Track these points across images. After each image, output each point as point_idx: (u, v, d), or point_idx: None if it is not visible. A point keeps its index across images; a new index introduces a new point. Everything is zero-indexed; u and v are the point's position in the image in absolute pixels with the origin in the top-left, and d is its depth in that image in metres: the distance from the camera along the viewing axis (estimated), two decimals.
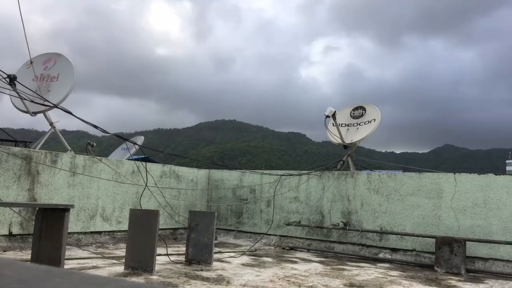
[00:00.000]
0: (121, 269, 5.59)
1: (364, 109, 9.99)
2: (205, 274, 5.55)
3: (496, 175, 7.21)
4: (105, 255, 6.61)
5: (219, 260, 6.74)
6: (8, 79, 7.41)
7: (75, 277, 0.69)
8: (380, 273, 6.38)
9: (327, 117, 9.38)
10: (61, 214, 4.55)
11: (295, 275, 5.84)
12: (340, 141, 9.54)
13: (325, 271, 6.28)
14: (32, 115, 8.22)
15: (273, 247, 8.75)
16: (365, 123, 9.67)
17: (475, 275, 6.58)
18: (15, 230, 6.87)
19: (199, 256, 6.32)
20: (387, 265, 7.19)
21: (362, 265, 7.09)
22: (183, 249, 7.08)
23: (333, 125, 9.61)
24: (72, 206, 4.78)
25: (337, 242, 8.45)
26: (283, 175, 9.38)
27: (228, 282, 5.17)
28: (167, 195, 9.24)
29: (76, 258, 6.22)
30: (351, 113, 10.12)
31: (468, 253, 6.90)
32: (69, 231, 6.58)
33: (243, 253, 7.56)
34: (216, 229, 6.73)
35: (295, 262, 7.04)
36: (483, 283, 6.03)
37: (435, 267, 6.85)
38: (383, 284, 5.55)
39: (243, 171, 10.27)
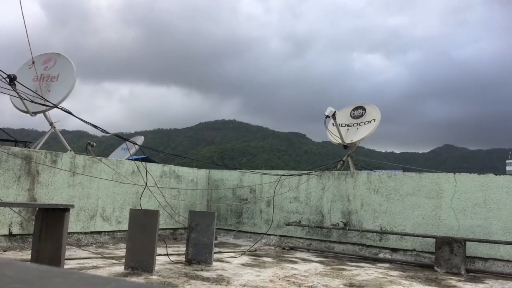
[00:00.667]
0: (121, 269, 5.59)
1: (364, 109, 10.00)
2: (205, 274, 5.55)
3: (496, 175, 7.22)
4: (105, 255, 6.61)
5: (219, 260, 6.74)
6: (8, 79, 7.41)
7: (75, 277, 0.69)
8: (380, 273, 6.38)
9: (327, 117, 9.38)
10: (61, 214, 4.55)
11: (295, 275, 5.84)
12: (340, 141, 9.55)
13: (325, 271, 6.28)
14: (32, 115, 8.23)
15: (273, 247, 8.75)
16: (365, 123, 9.68)
17: (475, 275, 6.58)
18: (15, 230, 6.87)
19: (199, 256, 6.32)
20: (387, 265, 7.19)
21: (362, 265, 7.09)
22: (183, 249, 7.08)
23: (333, 125, 9.61)
24: (72, 206, 4.78)
25: (337, 242, 8.45)
26: (283, 175, 9.38)
27: (228, 282, 5.17)
28: (167, 195, 9.24)
29: (76, 258, 6.22)
30: (351, 113, 10.13)
31: (468, 253, 6.90)
32: (69, 231, 6.58)
33: (243, 253, 7.56)
34: (216, 229, 6.73)
35: (295, 262, 7.04)
36: (483, 283, 6.03)
37: (435, 267, 6.85)
38: (383, 284, 5.55)
39: (243, 171, 10.27)
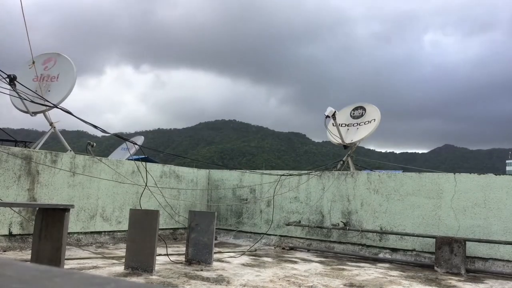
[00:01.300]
0: (121, 269, 5.59)
1: (364, 109, 10.00)
2: (205, 274, 5.55)
3: (496, 175, 7.21)
4: (105, 255, 6.61)
5: (219, 260, 6.73)
6: (8, 79, 7.41)
7: (75, 277, 0.69)
8: (380, 273, 6.38)
9: (327, 117, 9.39)
10: (61, 214, 4.55)
11: (295, 275, 5.84)
12: (340, 141, 9.55)
13: (325, 271, 6.28)
14: (32, 115, 8.23)
15: (273, 247, 8.75)
16: (365, 123, 9.69)
17: (475, 275, 6.58)
18: (15, 230, 6.87)
19: (199, 256, 6.32)
20: (387, 265, 7.19)
21: (362, 265, 7.09)
22: (183, 249, 7.08)
23: (333, 125, 9.62)
24: (72, 206, 4.78)
25: (337, 242, 8.45)
26: (283, 175, 9.38)
27: (228, 282, 5.17)
28: (167, 195, 9.23)
29: (76, 258, 6.22)
30: (351, 113, 10.13)
31: (468, 253, 6.90)
32: (69, 231, 6.58)
33: (243, 253, 7.56)
34: (216, 229, 6.73)
35: (295, 262, 7.04)
36: (483, 283, 6.03)
37: (435, 267, 6.85)
38: (383, 284, 5.55)
39: (243, 171, 10.26)
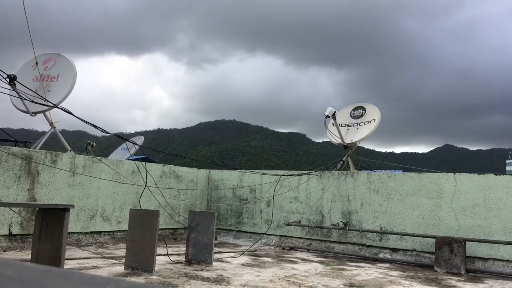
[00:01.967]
0: (121, 269, 5.59)
1: (364, 109, 10.00)
2: (205, 274, 5.55)
3: (496, 175, 7.21)
4: (105, 255, 6.61)
5: (219, 260, 6.73)
6: (8, 79, 7.41)
7: (75, 277, 0.69)
8: (380, 273, 6.38)
9: (327, 117, 9.39)
10: (61, 214, 4.54)
11: (295, 275, 5.84)
12: (340, 141, 9.54)
13: (325, 271, 6.28)
14: (32, 115, 8.23)
15: (273, 247, 8.75)
16: (365, 123, 9.68)
17: (475, 275, 6.58)
18: (15, 230, 6.87)
19: (199, 256, 6.32)
20: (387, 265, 7.19)
21: (362, 265, 7.09)
22: (183, 249, 7.08)
23: (333, 125, 9.61)
24: (72, 206, 4.78)
25: (337, 242, 8.45)
26: (283, 175, 9.38)
27: (228, 282, 5.17)
28: (167, 195, 9.23)
29: (76, 258, 6.22)
30: (351, 113, 10.13)
31: (468, 253, 6.90)
32: (69, 231, 6.57)
33: (243, 253, 7.56)
34: (216, 229, 6.73)
35: (295, 262, 7.04)
36: (483, 283, 6.03)
37: (435, 267, 6.85)
38: (383, 284, 5.55)
39: (243, 171, 10.26)
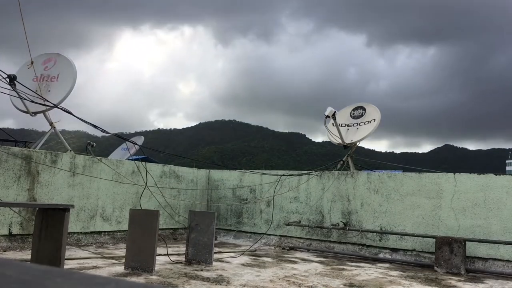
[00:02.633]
0: (121, 269, 5.59)
1: (364, 109, 10.00)
2: (205, 274, 5.55)
3: (496, 175, 7.21)
4: (105, 255, 6.61)
5: (219, 260, 6.73)
6: (8, 79, 7.41)
7: (75, 277, 0.69)
8: (380, 273, 6.38)
9: (327, 117, 9.38)
10: (61, 214, 4.55)
11: (295, 275, 5.84)
12: (340, 141, 9.54)
13: (325, 271, 6.28)
14: (32, 115, 8.22)
15: (273, 247, 8.75)
16: (365, 123, 9.68)
17: (475, 275, 6.58)
18: (15, 230, 6.87)
19: (199, 256, 6.32)
20: (387, 265, 7.19)
21: (362, 265, 7.09)
22: (183, 249, 7.08)
23: (333, 125, 9.61)
24: (72, 206, 4.78)
25: (337, 242, 8.45)
26: (283, 175, 9.38)
27: (228, 282, 5.17)
28: (167, 195, 9.23)
29: (76, 258, 6.22)
30: (351, 113, 10.13)
31: (468, 253, 6.90)
32: (69, 231, 6.58)
33: (243, 253, 7.56)
34: (216, 229, 6.73)
35: (295, 262, 7.04)
36: (483, 283, 6.03)
37: (435, 267, 6.85)
38: (383, 284, 5.55)
39: (243, 171, 10.26)
